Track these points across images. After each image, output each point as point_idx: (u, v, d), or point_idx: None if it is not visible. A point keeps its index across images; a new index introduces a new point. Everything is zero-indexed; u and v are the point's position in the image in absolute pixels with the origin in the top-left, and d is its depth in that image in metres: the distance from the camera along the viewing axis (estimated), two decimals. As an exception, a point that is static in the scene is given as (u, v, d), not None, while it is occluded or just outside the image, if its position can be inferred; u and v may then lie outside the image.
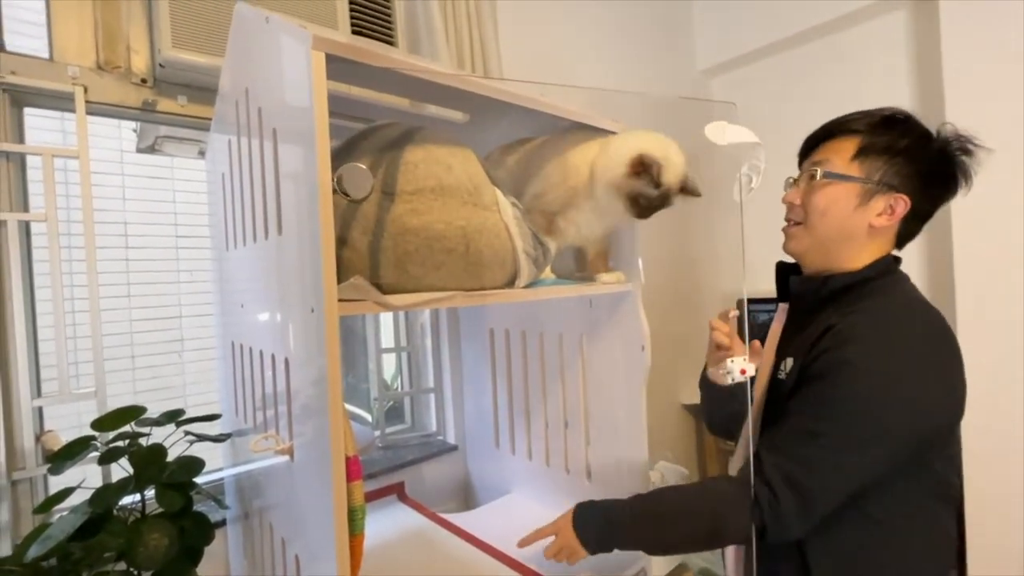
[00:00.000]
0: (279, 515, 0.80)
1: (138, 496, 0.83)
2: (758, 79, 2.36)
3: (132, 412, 0.85)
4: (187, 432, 0.90)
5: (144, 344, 1.18)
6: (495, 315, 1.34)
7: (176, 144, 1.14)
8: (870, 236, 0.80)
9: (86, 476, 0.84)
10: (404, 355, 1.58)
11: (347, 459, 0.60)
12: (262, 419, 0.84)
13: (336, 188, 0.60)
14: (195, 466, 0.86)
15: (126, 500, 0.82)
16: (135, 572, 0.79)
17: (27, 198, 0.99)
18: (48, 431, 0.99)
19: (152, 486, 0.81)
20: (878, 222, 0.79)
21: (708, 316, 0.99)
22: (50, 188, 0.95)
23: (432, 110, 1.09)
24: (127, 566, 0.77)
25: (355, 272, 0.68)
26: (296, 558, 0.72)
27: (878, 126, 0.80)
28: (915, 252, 1.97)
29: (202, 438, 0.91)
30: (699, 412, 2.36)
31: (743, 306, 0.86)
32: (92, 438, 0.83)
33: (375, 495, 1.28)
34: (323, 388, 0.58)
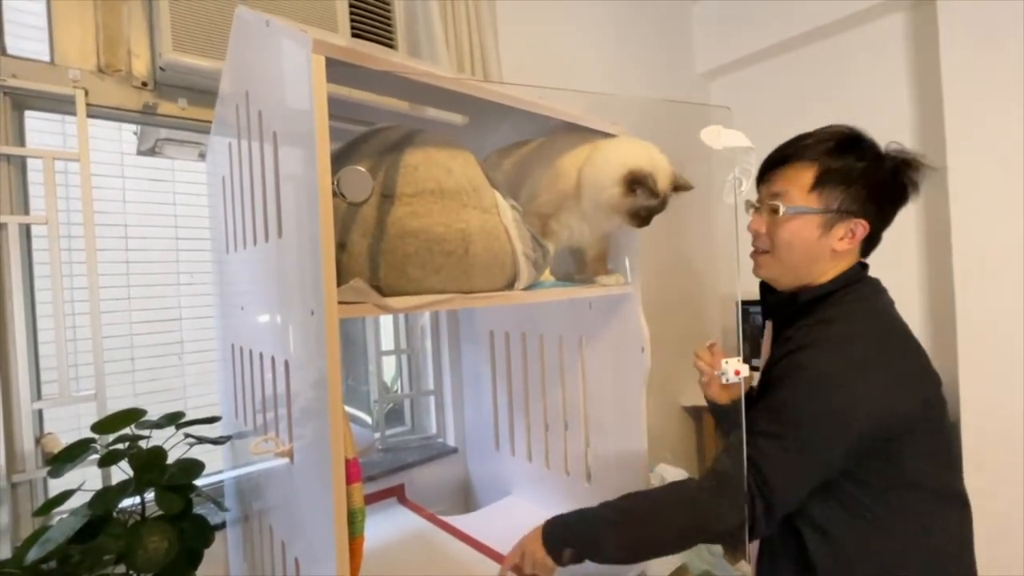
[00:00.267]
0: (279, 517, 0.80)
1: (138, 499, 0.83)
2: (757, 82, 2.37)
3: (132, 415, 0.85)
4: (187, 435, 0.90)
5: (144, 346, 1.18)
6: (495, 317, 1.34)
7: (176, 147, 1.15)
8: (834, 257, 0.85)
9: (86, 479, 0.84)
10: (404, 357, 1.58)
11: (347, 461, 0.60)
12: (262, 421, 0.84)
13: (336, 191, 0.61)
14: (195, 468, 0.85)
15: (126, 503, 0.82)
16: (135, 575, 0.78)
17: (28, 201, 0.99)
18: (48, 434, 0.99)
19: (152, 489, 0.81)
20: (840, 246, 0.84)
21: (708, 317, 1.00)
22: (51, 191, 0.95)
23: (432, 113, 1.09)
24: (127, 569, 0.77)
25: (355, 275, 0.68)
26: (296, 560, 0.72)
27: (832, 152, 0.83)
28: (915, 252, 1.97)
29: (202, 440, 0.91)
30: (699, 414, 2.36)
31: (737, 308, 0.88)
32: (92, 440, 0.83)
33: (375, 497, 1.28)
34: (323, 390, 0.58)
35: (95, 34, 1.00)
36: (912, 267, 1.98)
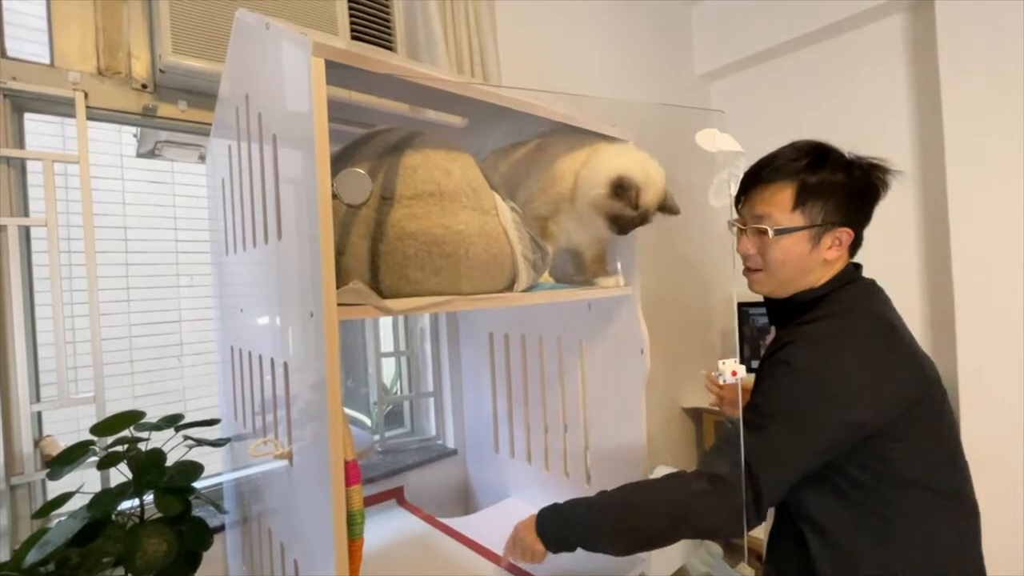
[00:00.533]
0: (278, 520, 0.80)
1: (137, 501, 0.83)
2: (757, 83, 2.37)
3: (131, 417, 0.85)
4: (186, 437, 0.90)
5: (143, 349, 1.18)
6: (494, 319, 1.34)
7: (176, 149, 1.15)
8: (826, 264, 0.88)
9: (85, 481, 0.84)
10: (403, 359, 1.58)
11: (346, 463, 0.61)
12: (261, 424, 0.84)
13: (335, 193, 0.61)
14: (194, 471, 0.85)
15: (125, 505, 0.81)
16: (133, 577, 0.78)
17: (27, 203, 0.99)
18: (47, 436, 0.99)
19: (151, 491, 0.81)
20: (830, 255, 0.87)
21: (708, 319, 1.01)
22: (50, 193, 0.95)
23: (431, 115, 1.09)
24: (125, 571, 0.77)
25: (354, 276, 0.68)
26: (295, 563, 0.72)
27: (807, 169, 0.86)
28: (915, 252, 1.98)
29: (201, 443, 0.91)
30: (698, 416, 2.36)
31: (735, 310, 0.90)
32: (91, 443, 0.83)
33: (374, 499, 1.28)
34: (322, 392, 0.58)
35: (95, 36, 1.00)
36: (912, 268, 1.98)
